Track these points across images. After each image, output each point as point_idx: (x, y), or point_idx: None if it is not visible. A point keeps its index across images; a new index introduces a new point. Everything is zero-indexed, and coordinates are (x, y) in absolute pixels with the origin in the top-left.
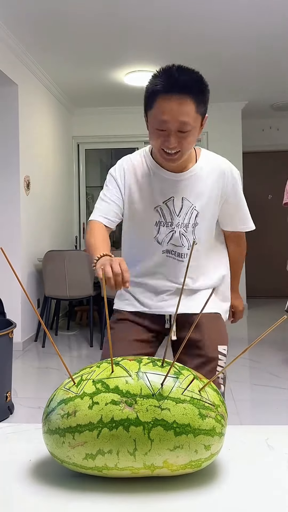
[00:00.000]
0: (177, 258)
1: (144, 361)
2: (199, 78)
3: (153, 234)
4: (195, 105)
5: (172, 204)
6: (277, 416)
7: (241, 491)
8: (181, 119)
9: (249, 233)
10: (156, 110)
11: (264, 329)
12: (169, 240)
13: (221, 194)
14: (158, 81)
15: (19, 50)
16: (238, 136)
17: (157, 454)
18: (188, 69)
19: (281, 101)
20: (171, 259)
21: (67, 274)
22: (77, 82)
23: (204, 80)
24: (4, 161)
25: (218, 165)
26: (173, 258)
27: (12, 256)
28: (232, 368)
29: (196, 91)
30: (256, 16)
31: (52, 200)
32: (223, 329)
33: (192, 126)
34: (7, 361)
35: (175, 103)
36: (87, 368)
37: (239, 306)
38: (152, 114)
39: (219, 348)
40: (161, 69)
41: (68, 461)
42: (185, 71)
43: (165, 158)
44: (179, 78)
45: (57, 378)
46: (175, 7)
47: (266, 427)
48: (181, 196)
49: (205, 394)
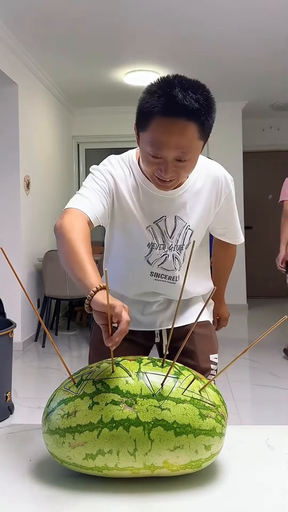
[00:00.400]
0: (168, 281)
1: (144, 361)
2: (206, 97)
3: (144, 254)
4: (199, 130)
5: (164, 224)
6: (277, 416)
7: (241, 491)
8: (181, 149)
9: (249, 233)
10: (152, 134)
11: (264, 329)
12: (160, 264)
13: (214, 205)
14: (157, 102)
15: (19, 50)
16: (238, 136)
17: (157, 454)
18: (193, 84)
19: (281, 101)
20: (160, 282)
21: (67, 274)
22: (77, 82)
23: (212, 99)
24: (4, 161)
25: (212, 173)
26: (163, 281)
27: (12, 256)
28: (232, 368)
29: (203, 116)
30: (256, 16)
31: (52, 200)
32: (214, 336)
33: (192, 154)
34: (7, 361)
35: (176, 130)
36: (87, 368)
37: (225, 313)
38: (146, 138)
39: (211, 358)
40: (159, 83)
41: (68, 461)
42: (190, 88)
43: (158, 185)
44: (183, 100)
45: (57, 378)
46: (175, 7)
47: (266, 427)
48: (174, 215)
49: (205, 394)
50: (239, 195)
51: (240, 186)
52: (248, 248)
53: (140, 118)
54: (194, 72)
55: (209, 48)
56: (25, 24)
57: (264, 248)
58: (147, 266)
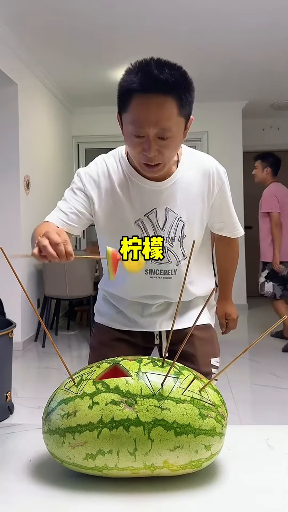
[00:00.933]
0: (164, 277)
1: (144, 361)
2: (182, 74)
3: None
4: (178, 107)
5: (155, 217)
6: (277, 416)
7: (241, 491)
8: (161, 124)
9: (249, 233)
10: (132, 112)
11: (264, 329)
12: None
13: (207, 198)
14: (134, 79)
15: (19, 50)
16: (238, 136)
17: (157, 454)
18: (170, 63)
19: (281, 101)
20: (157, 279)
21: (67, 274)
22: (77, 82)
23: (188, 77)
24: (4, 161)
25: (203, 165)
26: (158, 277)
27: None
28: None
29: (180, 90)
30: (256, 16)
31: (52, 200)
32: (215, 339)
33: (174, 132)
34: (7, 361)
35: (154, 105)
36: (87, 368)
37: (233, 314)
38: (127, 118)
39: (212, 361)
40: (136, 63)
41: (68, 461)
42: (166, 66)
43: (145, 170)
44: (159, 75)
45: (57, 378)
46: (175, 8)
47: (266, 427)
48: (165, 207)
49: (205, 394)
50: (239, 195)
51: (240, 186)
52: (248, 248)
53: (121, 99)
54: (194, 72)
55: (209, 48)
56: (25, 24)
57: None
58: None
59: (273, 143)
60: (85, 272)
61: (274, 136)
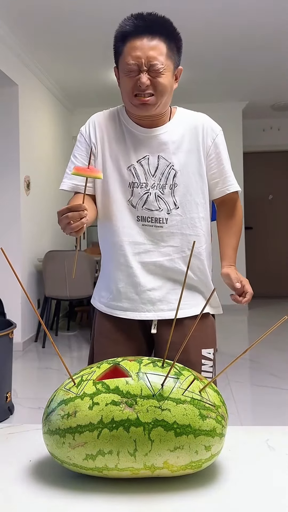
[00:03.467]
0: (155, 225)
1: (145, 362)
2: (170, 22)
3: (127, 197)
4: (166, 46)
5: (147, 163)
6: (277, 416)
7: (242, 492)
8: (151, 54)
9: (249, 233)
10: (126, 50)
11: (264, 330)
12: (143, 204)
13: (202, 149)
14: (127, 23)
15: (19, 50)
16: (238, 136)
17: (158, 454)
18: (159, 14)
19: (281, 101)
20: (148, 228)
21: (67, 274)
22: (77, 82)
23: (175, 27)
24: (4, 161)
25: (195, 119)
26: (150, 226)
27: (12, 256)
28: (232, 368)
29: (167, 32)
30: (256, 16)
31: (52, 200)
32: (210, 330)
33: (163, 66)
34: (7, 361)
35: (146, 41)
36: (87, 368)
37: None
38: (123, 58)
39: (203, 352)
40: (130, 15)
41: (68, 462)
42: (156, 15)
43: (138, 106)
44: (148, 19)
45: (57, 378)
46: (175, 7)
47: (266, 428)
48: (157, 154)
49: (205, 395)
50: (239, 195)
51: (240, 186)
52: (248, 248)
53: (116, 45)
54: (194, 72)
55: (209, 49)
56: (25, 24)
57: (264, 248)
58: (133, 210)
59: (273, 143)
60: (85, 273)
61: (275, 137)
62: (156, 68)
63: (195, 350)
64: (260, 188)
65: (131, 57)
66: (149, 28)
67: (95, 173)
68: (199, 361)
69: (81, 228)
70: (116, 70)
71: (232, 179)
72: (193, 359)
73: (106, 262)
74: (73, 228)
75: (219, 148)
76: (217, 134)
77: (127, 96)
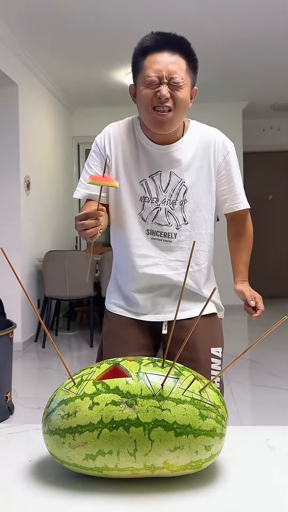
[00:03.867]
0: (164, 239)
1: (145, 362)
2: (189, 42)
3: (137, 210)
4: (185, 63)
5: (159, 179)
6: (277, 416)
7: (242, 492)
8: (172, 67)
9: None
10: (147, 64)
11: (264, 330)
12: (153, 219)
13: (213, 166)
14: (148, 39)
15: (19, 50)
16: (238, 136)
17: (158, 454)
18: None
19: (281, 101)
20: (157, 242)
21: (67, 274)
22: (77, 82)
23: (192, 48)
24: (4, 161)
25: (208, 135)
26: (159, 240)
27: (12, 256)
28: (232, 368)
29: (186, 51)
30: (256, 16)
31: (52, 200)
32: (218, 330)
33: (183, 80)
34: (7, 361)
35: (167, 56)
36: (87, 368)
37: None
38: (142, 72)
39: (212, 351)
40: (150, 32)
41: (68, 462)
42: (175, 34)
43: (156, 119)
44: (169, 36)
45: (57, 378)
46: (175, 7)
47: (266, 428)
48: (169, 171)
49: (205, 395)
50: None
51: None
52: None
53: (136, 61)
54: None
55: (209, 49)
56: (25, 24)
57: (264, 248)
58: (143, 223)
59: (273, 143)
60: (85, 273)
61: (275, 137)
62: (176, 81)
63: (204, 348)
64: (260, 188)
65: (152, 70)
66: (170, 43)
67: (111, 181)
68: (209, 359)
69: (95, 235)
70: (132, 88)
71: (242, 196)
72: (202, 357)
73: (117, 267)
74: (88, 234)
75: (230, 165)
76: (229, 151)
77: (145, 110)
